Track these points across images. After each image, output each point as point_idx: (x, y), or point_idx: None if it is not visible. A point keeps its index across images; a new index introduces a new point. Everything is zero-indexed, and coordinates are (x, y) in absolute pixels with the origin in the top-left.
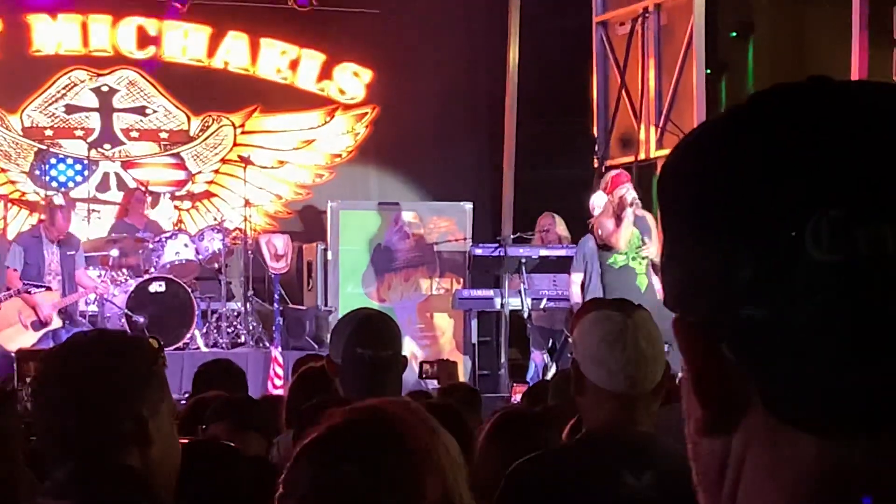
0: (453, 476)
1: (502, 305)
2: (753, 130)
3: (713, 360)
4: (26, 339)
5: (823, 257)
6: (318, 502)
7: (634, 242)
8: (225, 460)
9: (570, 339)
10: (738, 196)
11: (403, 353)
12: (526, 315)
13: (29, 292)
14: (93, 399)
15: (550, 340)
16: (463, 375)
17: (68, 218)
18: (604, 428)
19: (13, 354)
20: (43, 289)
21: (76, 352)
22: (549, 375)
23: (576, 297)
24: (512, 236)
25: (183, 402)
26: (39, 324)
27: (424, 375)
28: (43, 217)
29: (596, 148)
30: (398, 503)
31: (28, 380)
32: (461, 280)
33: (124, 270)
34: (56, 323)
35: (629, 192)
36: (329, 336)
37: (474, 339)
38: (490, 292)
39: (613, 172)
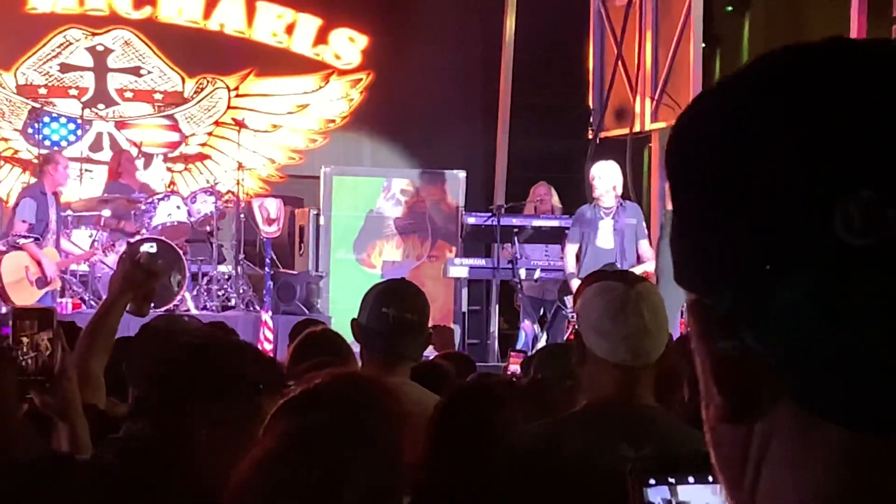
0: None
1: (493, 274)
2: (776, 98)
3: (734, 347)
4: (30, 295)
5: (855, 241)
6: (289, 447)
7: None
8: None
9: (562, 310)
10: (763, 173)
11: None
12: (517, 285)
13: (17, 243)
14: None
15: (541, 310)
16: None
17: (67, 174)
18: (605, 399)
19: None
20: (32, 239)
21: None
22: (539, 345)
23: (570, 267)
24: (505, 206)
25: None
26: (43, 282)
27: None
28: (49, 170)
29: (591, 119)
30: (362, 457)
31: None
32: (453, 248)
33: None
34: (57, 284)
35: None
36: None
37: (464, 308)
38: (482, 261)
39: None
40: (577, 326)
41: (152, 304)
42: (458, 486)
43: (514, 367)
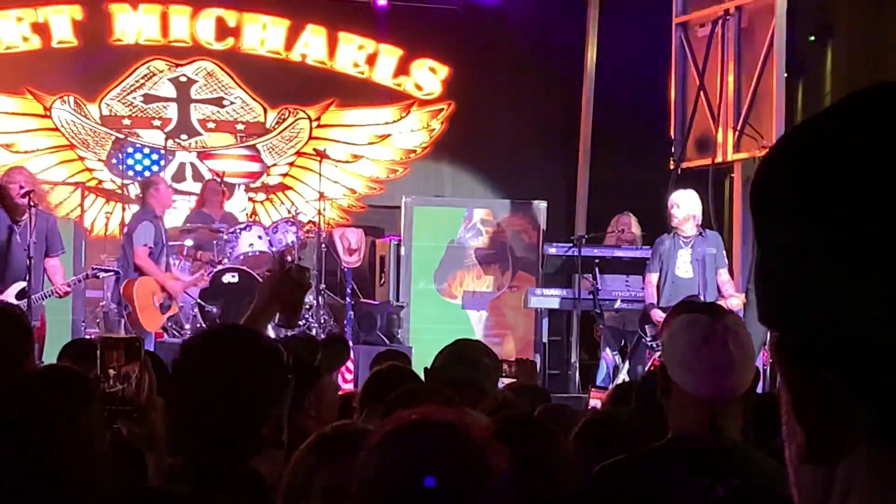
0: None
1: (574, 305)
2: (872, 135)
3: (819, 387)
4: (157, 321)
5: None
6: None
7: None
8: None
9: (643, 340)
10: (864, 211)
11: None
12: (598, 315)
13: (97, 276)
14: (240, 398)
15: (622, 341)
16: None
17: (171, 195)
18: (689, 433)
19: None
20: (112, 273)
21: (221, 346)
22: (620, 377)
23: (650, 297)
24: (585, 236)
25: None
26: (167, 307)
27: (503, 374)
28: (152, 193)
29: (672, 150)
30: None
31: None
32: (533, 279)
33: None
34: (176, 308)
35: None
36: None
37: (545, 339)
38: (562, 292)
39: None
40: (661, 359)
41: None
42: None
43: (595, 402)
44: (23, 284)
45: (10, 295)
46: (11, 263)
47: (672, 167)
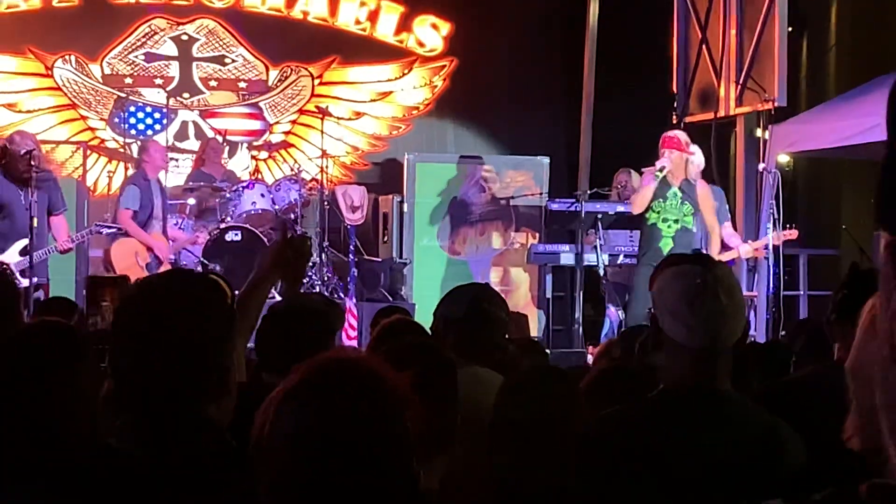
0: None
1: (577, 261)
2: None
3: None
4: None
5: None
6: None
7: (672, 205)
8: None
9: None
10: None
11: None
12: (601, 271)
13: (101, 233)
14: (180, 346)
15: (626, 296)
16: (536, 330)
17: (164, 156)
18: (681, 384)
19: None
20: (115, 229)
21: (162, 293)
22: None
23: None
24: (588, 192)
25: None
26: (155, 266)
27: None
28: (145, 157)
29: (675, 104)
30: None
31: (103, 305)
32: (537, 235)
33: (201, 221)
34: (166, 266)
35: (667, 157)
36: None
37: (549, 294)
38: (565, 247)
39: (665, 134)
40: (653, 310)
41: (236, 292)
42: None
43: (591, 358)
44: (24, 242)
45: (13, 253)
46: (16, 224)
47: (675, 122)
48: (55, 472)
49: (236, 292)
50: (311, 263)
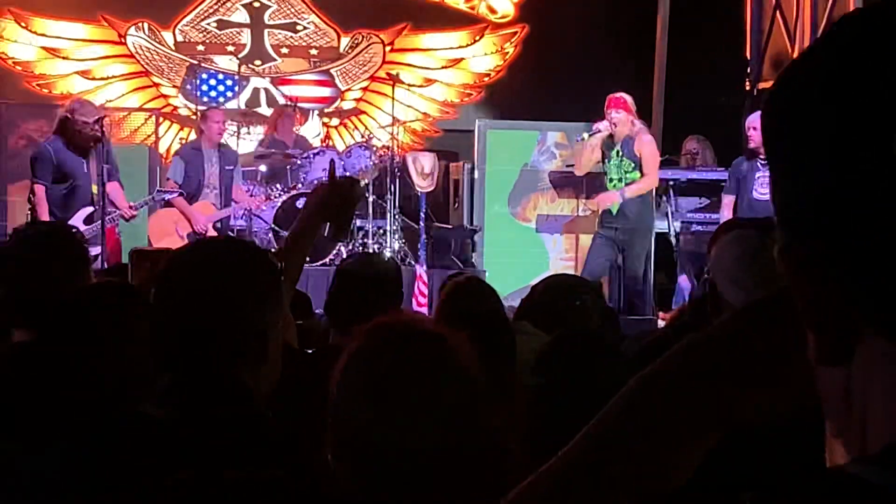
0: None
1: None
2: (847, 56)
3: (824, 287)
4: None
5: None
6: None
7: (614, 164)
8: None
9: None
10: (839, 118)
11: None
12: (673, 239)
13: (163, 199)
14: (217, 310)
15: (699, 264)
16: (607, 298)
17: (221, 126)
18: None
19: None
20: (176, 194)
21: (203, 259)
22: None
23: (726, 219)
24: (660, 159)
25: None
26: (194, 235)
27: None
28: (202, 127)
29: (748, 70)
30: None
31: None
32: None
33: (277, 186)
34: (211, 235)
35: (610, 117)
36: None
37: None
38: None
39: (610, 95)
40: (710, 275)
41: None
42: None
43: (662, 324)
44: (90, 209)
45: (78, 220)
46: (80, 192)
47: (748, 88)
48: (83, 436)
49: (308, 259)
50: (381, 231)
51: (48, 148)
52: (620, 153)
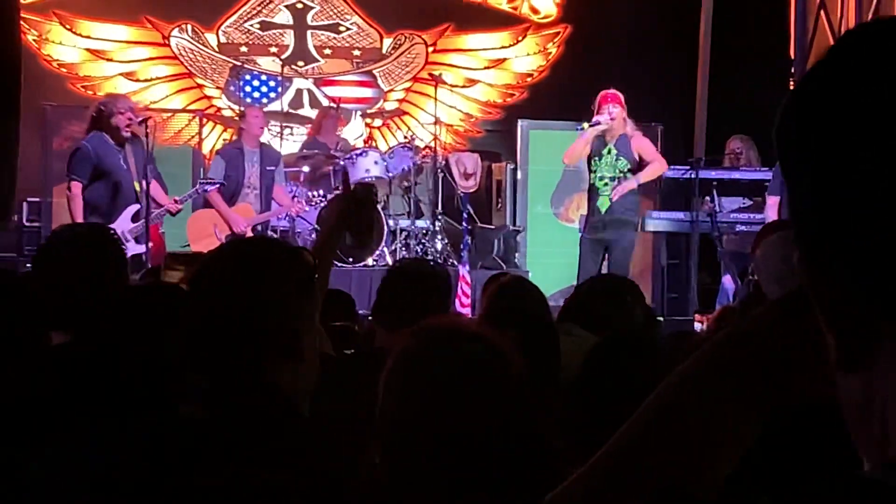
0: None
1: (692, 228)
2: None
3: (840, 291)
4: None
5: None
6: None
7: (607, 163)
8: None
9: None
10: (837, 121)
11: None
12: (717, 239)
13: (205, 190)
14: (251, 310)
15: (742, 264)
16: (650, 298)
17: (261, 122)
18: None
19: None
20: (217, 186)
21: (236, 259)
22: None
23: (771, 220)
24: (704, 159)
25: (370, 317)
26: (232, 237)
27: None
28: (243, 126)
29: (793, 69)
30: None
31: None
32: (651, 202)
33: (319, 189)
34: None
35: (606, 112)
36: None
37: (663, 262)
38: (680, 214)
39: (603, 91)
40: (755, 276)
41: (350, 259)
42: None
43: (698, 325)
44: (136, 207)
45: (125, 218)
46: (122, 188)
47: (792, 87)
48: (122, 438)
49: (350, 260)
50: (424, 231)
51: (87, 145)
52: (615, 152)
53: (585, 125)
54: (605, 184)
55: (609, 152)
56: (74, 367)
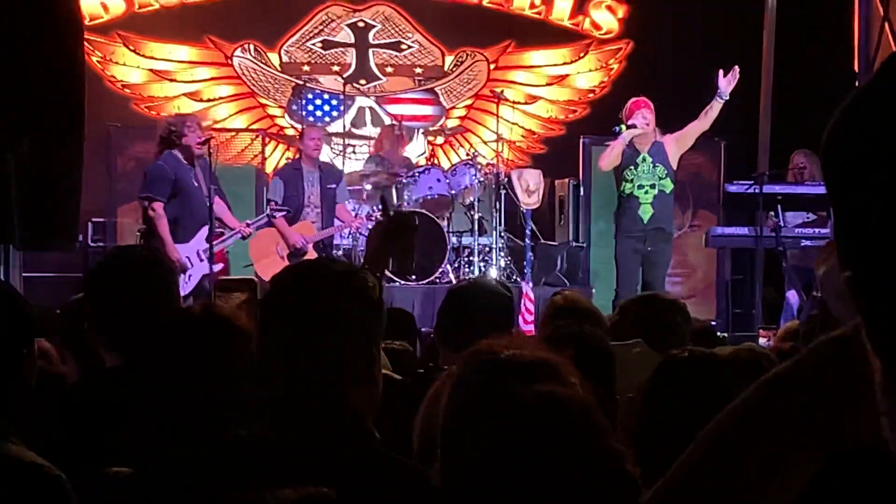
0: None
1: (756, 244)
2: None
3: (891, 316)
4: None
5: None
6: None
7: (644, 171)
8: None
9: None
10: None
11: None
12: (781, 254)
13: (274, 216)
14: (324, 332)
15: (807, 279)
16: (714, 314)
17: (317, 142)
18: None
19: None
20: (286, 212)
21: (307, 281)
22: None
23: None
24: (768, 173)
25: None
26: (295, 254)
27: None
28: (300, 145)
29: (857, 83)
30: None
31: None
32: (715, 217)
33: (380, 208)
34: (312, 255)
35: (640, 118)
36: None
37: (728, 277)
38: (744, 230)
39: (633, 99)
40: (819, 293)
41: (413, 276)
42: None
43: (763, 341)
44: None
45: (200, 238)
46: (194, 207)
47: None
48: (179, 460)
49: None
50: (487, 248)
51: (163, 164)
52: (650, 159)
53: (623, 127)
54: (646, 192)
55: (644, 160)
56: (130, 389)
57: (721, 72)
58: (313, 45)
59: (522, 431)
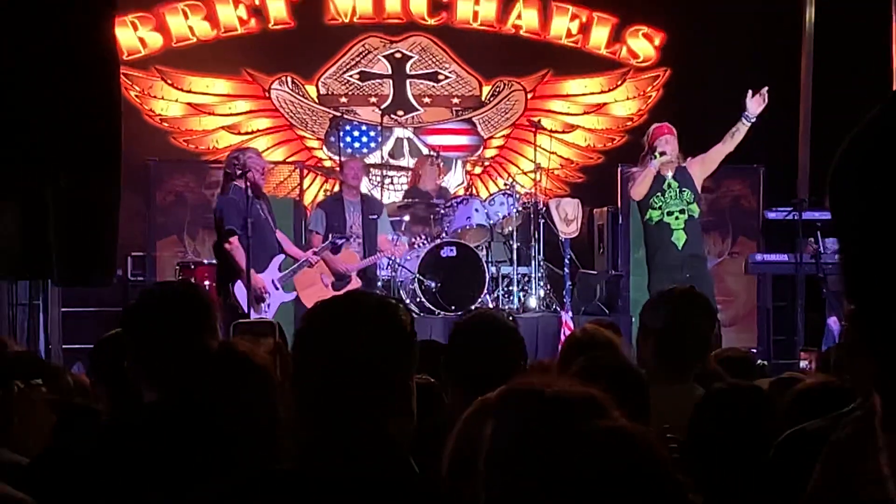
0: None
1: (796, 270)
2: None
3: (885, 355)
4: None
5: None
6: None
7: (671, 197)
8: None
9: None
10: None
11: None
12: (821, 280)
13: (336, 244)
14: (367, 365)
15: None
16: (756, 341)
17: (356, 173)
18: None
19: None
20: (345, 240)
21: (344, 315)
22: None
23: None
24: (807, 200)
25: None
26: (339, 282)
27: None
28: (340, 176)
29: None
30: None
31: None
32: (755, 244)
33: (421, 236)
34: (356, 283)
35: (665, 144)
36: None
37: (769, 304)
38: (784, 257)
39: (656, 125)
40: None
41: (453, 307)
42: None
43: (804, 363)
44: (282, 257)
45: (273, 268)
46: (264, 239)
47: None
48: (218, 496)
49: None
50: (526, 277)
51: (234, 197)
52: (676, 184)
53: (657, 154)
54: (676, 217)
55: (670, 186)
56: (169, 425)
57: (750, 92)
58: (350, 76)
59: (593, 468)
